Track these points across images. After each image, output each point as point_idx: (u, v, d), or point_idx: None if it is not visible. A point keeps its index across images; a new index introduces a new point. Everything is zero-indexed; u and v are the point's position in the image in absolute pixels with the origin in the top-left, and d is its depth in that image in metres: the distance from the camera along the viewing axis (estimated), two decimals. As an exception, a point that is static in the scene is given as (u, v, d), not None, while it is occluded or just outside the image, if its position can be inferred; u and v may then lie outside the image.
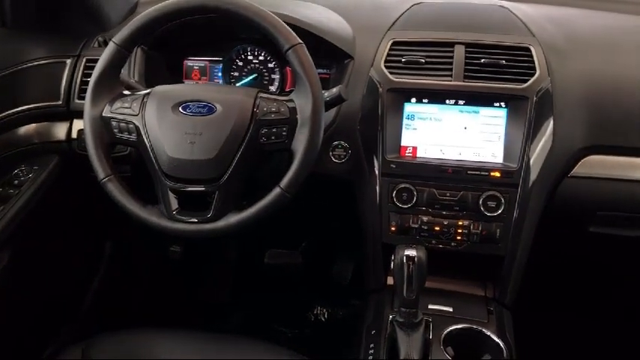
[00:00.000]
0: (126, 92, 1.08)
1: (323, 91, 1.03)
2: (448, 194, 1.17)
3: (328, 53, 1.23)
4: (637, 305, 1.80)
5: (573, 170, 1.16)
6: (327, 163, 1.20)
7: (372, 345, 1.08)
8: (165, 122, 1.01)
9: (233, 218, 1.00)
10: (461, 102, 1.17)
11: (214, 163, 0.99)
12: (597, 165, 1.16)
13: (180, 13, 1.02)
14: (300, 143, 0.99)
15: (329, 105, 1.06)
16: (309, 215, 1.49)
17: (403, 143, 1.20)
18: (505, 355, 1.04)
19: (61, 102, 1.31)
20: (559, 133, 1.14)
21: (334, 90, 1.07)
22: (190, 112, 1.01)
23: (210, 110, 1.01)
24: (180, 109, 1.02)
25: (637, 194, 1.16)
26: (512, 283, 1.19)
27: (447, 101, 1.17)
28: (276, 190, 0.99)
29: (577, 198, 1.17)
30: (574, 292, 1.82)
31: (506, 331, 1.12)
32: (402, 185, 1.18)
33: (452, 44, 1.21)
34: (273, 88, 1.34)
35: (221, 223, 1.01)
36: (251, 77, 1.34)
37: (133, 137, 1.03)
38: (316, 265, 1.89)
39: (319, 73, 1.08)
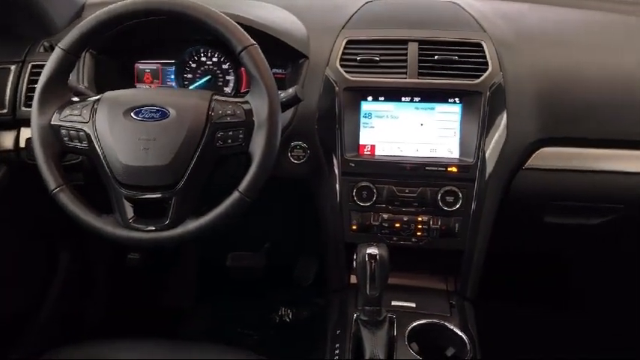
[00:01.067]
0: (75, 99, 1.04)
1: (279, 92, 1.02)
2: (407, 191, 1.18)
3: (283, 53, 1.22)
4: (592, 292, 1.87)
5: (527, 163, 1.18)
6: (286, 165, 1.19)
7: (337, 345, 1.08)
8: (117, 129, 0.98)
9: (191, 225, 0.98)
10: (416, 99, 1.18)
11: (170, 169, 0.97)
12: (550, 157, 1.19)
13: (129, 16, 0.99)
14: (257, 146, 0.98)
15: (285, 106, 1.06)
16: (270, 217, 1.48)
17: (361, 142, 1.20)
18: (468, 347, 1.06)
19: (6, 110, 1.26)
20: (512, 126, 1.16)
21: (290, 90, 1.06)
22: (143, 118, 0.98)
23: (164, 115, 0.99)
24: (132, 114, 0.99)
25: (589, 184, 1.19)
26: (473, 276, 1.22)
27: (403, 98, 1.18)
28: (235, 195, 0.97)
29: (532, 190, 1.20)
30: (533, 282, 1.86)
31: (468, 323, 1.14)
32: (362, 184, 1.18)
33: (405, 42, 1.21)
34: (228, 90, 1.32)
35: (179, 230, 0.98)
36: (205, 79, 1.32)
37: (84, 145, 1.00)
38: (279, 266, 1.88)
39: (274, 74, 1.07)
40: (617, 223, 1.25)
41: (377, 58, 1.20)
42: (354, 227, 1.19)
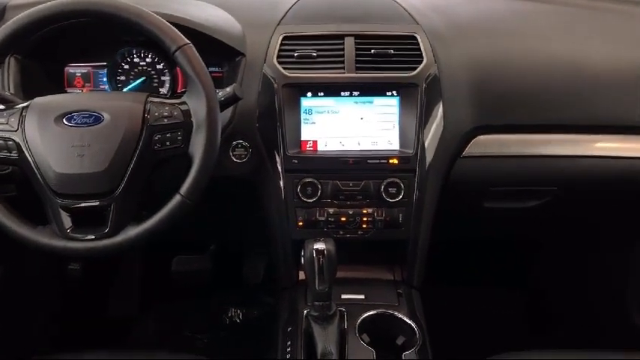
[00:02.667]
0: (1, 107, 0.99)
1: (217, 91, 1.00)
2: (351, 184, 1.19)
3: (219, 52, 1.20)
4: (533, 272, 1.94)
5: (465, 151, 1.21)
6: (229, 164, 1.18)
7: (288, 342, 1.08)
8: (48, 136, 0.94)
9: (132, 231, 0.96)
10: (355, 93, 1.19)
11: (107, 176, 0.94)
12: (486, 144, 1.22)
13: (54, 18, 0.95)
14: (197, 147, 0.96)
15: (224, 105, 1.04)
16: (214, 218, 1.45)
17: (303, 138, 1.20)
18: (417, 334, 1.08)
19: None
20: (449, 116, 1.19)
21: (228, 89, 1.04)
22: (75, 124, 0.95)
23: (97, 120, 0.95)
24: (64, 120, 0.95)
25: (524, 168, 1.24)
26: (418, 264, 1.24)
27: (342, 93, 1.19)
28: (177, 198, 0.96)
29: (470, 177, 1.24)
30: (477, 266, 1.92)
31: (416, 311, 1.16)
32: (306, 180, 1.18)
33: (342, 36, 1.22)
34: (164, 91, 1.29)
35: (119, 238, 0.96)
36: (139, 81, 1.28)
37: (14, 155, 0.95)
38: (227, 267, 1.86)
39: (211, 72, 1.05)
40: (552, 204, 1.30)
41: (314, 54, 1.20)
42: (301, 223, 1.19)
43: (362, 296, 1.18)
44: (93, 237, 0.96)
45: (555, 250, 1.86)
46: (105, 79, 1.29)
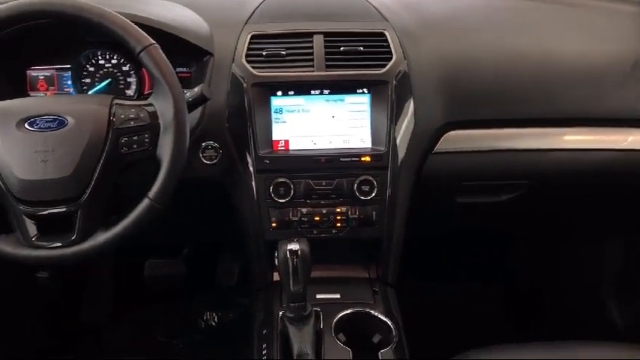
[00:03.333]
0: None
1: (185, 91, 0.98)
2: (324, 183, 1.18)
3: (186, 52, 1.18)
4: (508, 266, 1.97)
5: (436, 147, 1.22)
6: (199, 166, 1.16)
7: (264, 344, 1.07)
8: (9, 142, 0.91)
9: (100, 237, 0.93)
10: (326, 91, 1.18)
11: (72, 181, 0.91)
12: (458, 139, 1.23)
13: (14, 19, 0.93)
14: (165, 149, 0.94)
15: (192, 105, 1.02)
16: (185, 220, 1.43)
17: (274, 137, 1.19)
18: (393, 332, 1.08)
19: None
20: (420, 113, 1.19)
21: (196, 89, 1.02)
22: (38, 128, 0.92)
23: (61, 124, 0.92)
24: (26, 125, 0.92)
25: (495, 163, 1.25)
26: (393, 262, 1.24)
27: (313, 92, 1.18)
28: (145, 202, 0.93)
29: (442, 172, 1.24)
30: (452, 261, 1.94)
31: (392, 308, 1.16)
32: (278, 180, 1.17)
33: (310, 34, 1.21)
34: (130, 93, 1.26)
35: (87, 245, 0.93)
36: (105, 83, 1.25)
37: None
38: (200, 270, 1.84)
39: (179, 73, 1.03)
40: (524, 198, 1.31)
41: (283, 52, 1.19)
42: (274, 224, 1.18)
43: (337, 295, 1.17)
44: (60, 244, 0.93)
45: (530, 244, 1.88)
46: (69, 82, 1.26)
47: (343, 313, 1.10)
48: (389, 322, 1.10)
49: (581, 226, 1.65)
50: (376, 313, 1.12)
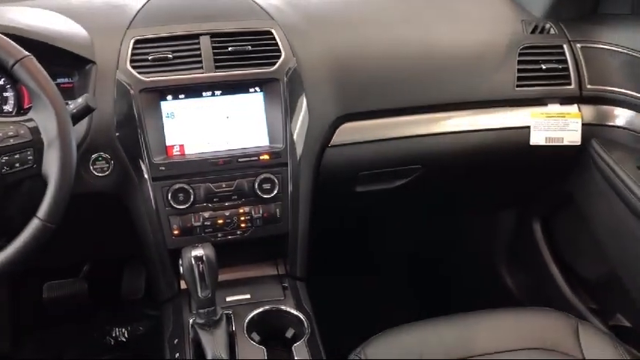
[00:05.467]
0: None
1: (68, 103, 0.94)
2: (224, 185, 1.17)
3: (65, 61, 1.12)
4: (410, 251, 2.05)
5: (332, 140, 1.25)
6: (90, 180, 1.11)
7: (177, 354, 1.05)
8: None
9: None
10: (218, 92, 1.17)
11: None
12: (352, 131, 1.27)
13: None
14: (51, 166, 0.89)
15: (77, 117, 0.97)
16: (82, 237, 1.36)
17: (168, 143, 1.16)
18: (305, 325, 1.09)
19: None
20: (313, 108, 1.21)
21: (80, 100, 0.98)
22: None
23: None
24: None
25: (389, 151, 1.31)
26: (300, 256, 1.25)
27: (204, 93, 1.17)
28: (35, 222, 0.88)
29: (340, 164, 1.28)
30: (357, 250, 1.99)
31: (302, 302, 1.17)
32: (177, 186, 1.14)
33: (197, 36, 1.19)
34: (8, 108, 1.18)
35: None
36: None
37: None
38: (104, 286, 1.76)
39: (61, 84, 0.99)
40: (419, 181, 1.38)
41: (170, 56, 1.16)
42: (176, 232, 1.16)
43: (247, 296, 1.17)
44: None
45: (429, 224, 1.97)
46: None
47: (254, 313, 1.10)
48: (300, 316, 1.11)
49: (473, 202, 1.75)
50: (287, 308, 1.13)
